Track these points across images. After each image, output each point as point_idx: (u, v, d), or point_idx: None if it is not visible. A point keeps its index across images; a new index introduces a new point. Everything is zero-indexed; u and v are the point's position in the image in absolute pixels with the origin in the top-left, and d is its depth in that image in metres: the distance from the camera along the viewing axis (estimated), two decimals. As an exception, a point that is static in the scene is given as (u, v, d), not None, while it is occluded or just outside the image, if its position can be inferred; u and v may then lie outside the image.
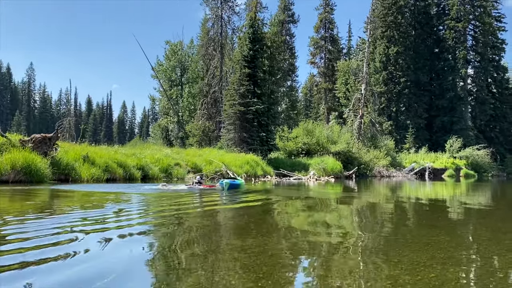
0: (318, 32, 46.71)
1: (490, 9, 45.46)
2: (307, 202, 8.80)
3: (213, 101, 36.47)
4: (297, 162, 24.33)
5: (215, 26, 37.81)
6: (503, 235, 4.71)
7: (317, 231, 4.59)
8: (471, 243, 4.07)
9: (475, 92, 45.51)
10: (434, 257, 3.30)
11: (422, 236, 4.39)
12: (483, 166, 36.69)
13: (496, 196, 13.34)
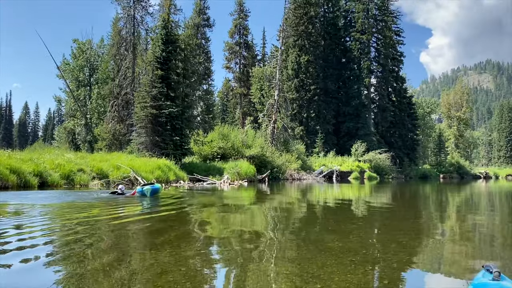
0: (233, 38, 47.18)
1: (391, 23, 49.49)
2: (218, 209, 8.69)
3: (124, 103, 34.96)
4: (212, 167, 24.19)
5: (127, 25, 36.36)
6: (401, 235, 5.00)
7: (227, 237, 4.50)
8: (367, 246, 4.24)
9: (377, 100, 49.11)
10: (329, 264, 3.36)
11: (320, 242, 4.49)
12: (384, 168, 39.61)
13: (396, 197, 14.40)
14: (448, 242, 4.83)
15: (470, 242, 4.90)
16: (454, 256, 4.08)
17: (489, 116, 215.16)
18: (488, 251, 4.37)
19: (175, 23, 28.25)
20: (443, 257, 4.03)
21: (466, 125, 74.96)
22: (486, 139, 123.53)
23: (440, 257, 4.05)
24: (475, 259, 3.95)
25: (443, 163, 54.71)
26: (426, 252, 4.23)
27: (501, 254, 4.18)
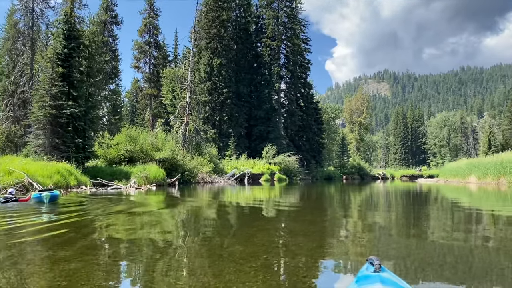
0: (143, 37, 45.74)
1: (299, 32, 51.71)
2: (117, 216, 8.23)
3: (21, 102, 32.06)
4: (118, 171, 23.05)
5: (25, 18, 33.41)
6: (302, 237, 5.13)
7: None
8: (269, 250, 4.24)
9: (287, 105, 50.91)
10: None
11: (220, 247, 4.44)
12: (293, 171, 41.12)
13: (303, 198, 14.95)
14: (348, 241, 5.07)
15: (369, 239, 5.20)
16: (351, 254, 4.26)
17: (386, 121, 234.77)
18: (384, 247, 4.66)
19: (80, 18, 26.51)
20: (342, 256, 4.18)
21: (366, 129, 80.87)
22: (383, 143, 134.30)
23: (339, 256, 4.20)
24: (372, 255, 4.18)
25: (346, 165, 58.43)
26: (325, 253, 4.36)
27: (397, 248, 4.51)
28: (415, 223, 7.53)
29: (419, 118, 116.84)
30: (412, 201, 14.11)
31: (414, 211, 10.09)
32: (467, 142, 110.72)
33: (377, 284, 1.87)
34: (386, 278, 1.99)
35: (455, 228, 6.59)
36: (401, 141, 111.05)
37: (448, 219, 8.13)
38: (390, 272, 2.17)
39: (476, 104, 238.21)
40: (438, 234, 5.95)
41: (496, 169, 25.93)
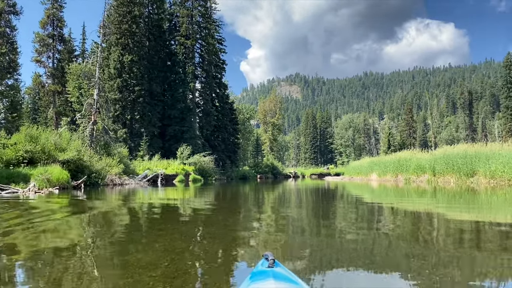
0: (45, 29, 42.31)
1: (214, 32, 51.66)
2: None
3: None
4: (15, 173, 20.96)
5: None
6: (208, 240, 5.03)
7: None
8: (171, 256, 4.05)
9: (202, 104, 50.56)
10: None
11: (117, 255, 4.21)
12: (208, 171, 40.95)
13: (218, 198, 14.87)
14: (258, 241, 5.08)
15: (280, 237, 5.28)
16: (258, 255, 4.26)
17: (298, 122, 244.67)
18: (295, 242, 4.76)
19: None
20: (249, 257, 4.15)
21: (279, 130, 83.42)
22: (295, 143, 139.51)
23: (246, 257, 4.16)
24: (284, 252, 4.23)
25: (260, 164, 59.73)
26: (231, 256, 4.29)
27: (308, 242, 4.63)
28: (324, 218, 7.87)
29: (327, 119, 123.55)
30: (321, 197, 14.79)
31: (322, 207, 10.56)
32: (370, 142, 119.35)
33: (269, 279, 1.90)
34: (279, 273, 2.04)
35: (359, 221, 7.00)
36: (311, 141, 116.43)
37: (353, 213, 8.62)
38: (284, 267, 2.22)
39: (377, 107, 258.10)
40: (345, 227, 6.26)
41: (394, 166, 28.25)
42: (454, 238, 5.29)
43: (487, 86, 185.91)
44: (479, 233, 5.66)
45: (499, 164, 19.34)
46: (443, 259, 4.01)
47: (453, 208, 9.69)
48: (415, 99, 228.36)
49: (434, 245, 4.75)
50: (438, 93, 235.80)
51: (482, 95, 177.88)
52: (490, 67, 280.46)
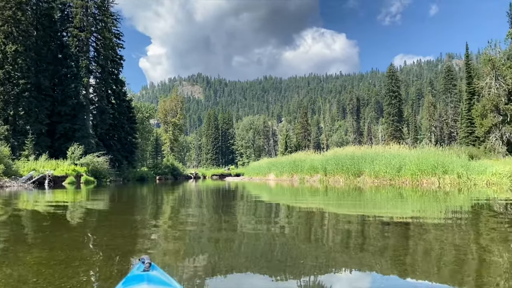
0: None
1: (111, 25, 49.05)
2: None
3: None
4: None
5: None
6: (96, 248, 4.71)
7: None
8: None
9: (96, 101, 47.65)
10: None
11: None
12: (103, 172, 38.69)
13: (113, 200, 14.09)
14: (152, 244, 4.92)
15: (178, 236, 5.16)
16: (152, 259, 4.12)
17: (200, 123, 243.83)
18: (195, 243, 4.68)
19: None
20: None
21: (180, 130, 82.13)
22: (196, 144, 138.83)
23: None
24: (176, 257, 4.13)
25: (160, 165, 58.19)
26: (111, 267, 4.09)
27: (207, 243, 4.58)
28: (224, 218, 7.90)
29: (229, 121, 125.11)
30: (221, 198, 14.87)
31: (221, 207, 10.61)
32: (269, 144, 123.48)
33: (143, 284, 1.87)
34: (154, 276, 2.01)
35: (257, 221, 7.16)
36: (213, 142, 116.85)
37: (252, 212, 8.80)
38: (161, 271, 2.19)
39: (276, 110, 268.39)
40: (245, 225, 6.35)
41: (290, 167, 29.57)
42: (342, 236, 5.67)
43: (373, 93, 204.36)
44: (364, 229, 6.14)
45: (382, 165, 21.32)
46: (334, 258, 4.26)
47: (342, 206, 10.43)
48: (310, 104, 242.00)
49: (325, 245, 5.03)
50: (330, 99, 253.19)
51: (368, 102, 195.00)
52: (375, 76, 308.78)
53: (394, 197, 12.84)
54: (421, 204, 10.41)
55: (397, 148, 24.59)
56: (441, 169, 18.56)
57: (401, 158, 20.89)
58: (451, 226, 5.95)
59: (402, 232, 5.52)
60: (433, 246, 4.44)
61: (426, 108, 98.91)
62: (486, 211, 8.33)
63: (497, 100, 48.25)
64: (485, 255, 3.98)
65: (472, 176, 17.74)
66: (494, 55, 50.19)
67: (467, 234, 5.30)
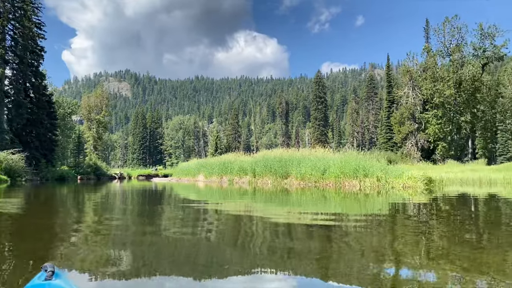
0: None
1: (31, 14, 45.64)
2: None
3: None
4: None
5: None
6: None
7: None
8: None
9: (12, 94, 44.02)
10: None
11: None
12: (17, 170, 35.88)
13: (28, 201, 13.09)
14: (69, 250, 4.61)
15: (99, 241, 4.88)
16: (66, 266, 3.87)
17: (127, 121, 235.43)
18: (117, 246, 4.44)
19: None
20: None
21: (105, 128, 78.51)
22: (122, 142, 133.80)
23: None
24: (103, 258, 3.91)
25: (82, 164, 55.20)
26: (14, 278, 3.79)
27: (130, 247, 4.37)
28: (148, 221, 7.64)
29: (158, 120, 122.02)
30: (147, 199, 14.43)
31: (147, 209, 10.29)
32: (199, 144, 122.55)
33: None
34: (56, 286, 1.89)
35: (184, 223, 7.03)
36: (140, 141, 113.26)
37: (179, 215, 8.62)
38: (66, 279, 2.06)
39: (207, 111, 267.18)
40: (170, 229, 6.19)
41: (219, 168, 29.53)
42: (268, 239, 5.74)
43: (301, 98, 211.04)
44: (289, 231, 6.28)
45: (308, 168, 22.03)
46: (259, 262, 4.30)
47: (269, 208, 10.59)
48: (241, 106, 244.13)
49: (250, 248, 5.05)
50: (261, 102, 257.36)
51: (296, 106, 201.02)
52: (304, 82, 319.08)
53: (318, 198, 13.31)
54: (344, 206, 10.89)
55: (322, 152, 25.54)
56: (362, 173, 19.60)
57: (326, 162, 21.74)
58: (370, 228, 6.27)
59: (325, 235, 5.71)
60: (354, 248, 4.64)
61: (350, 114, 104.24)
62: (401, 212, 8.91)
63: (413, 108, 52.10)
64: (399, 257, 4.24)
65: (390, 180, 18.93)
66: (412, 67, 54.17)
67: (384, 236, 5.62)
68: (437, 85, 48.70)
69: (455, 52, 50.27)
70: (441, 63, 52.27)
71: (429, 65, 51.02)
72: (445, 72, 49.48)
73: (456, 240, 5.03)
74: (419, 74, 52.73)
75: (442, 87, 48.15)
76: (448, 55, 51.51)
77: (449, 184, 23.05)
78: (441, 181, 23.15)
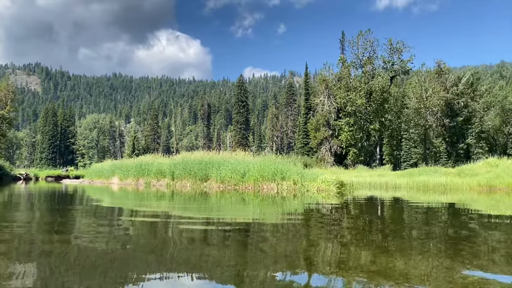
0: None
1: None
2: None
3: None
4: None
5: None
6: None
7: None
8: None
9: None
10: None
11: None
12: None
13: None
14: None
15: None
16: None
17: (35, 118, 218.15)
18: (21, 261, 3.98)
19: None
20: None
21: (10, 124, 71.87)
22: (30, 141, 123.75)
23: None
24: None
25: (-20, 164, 49.95)
26: None
27: (37, 255, 3.94)
28: (58, 228, 7.02)
29: (70, 117, 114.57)
30: (57, 203, 13.38)
31: (56, 215, 9.51)
32: (115, 145, 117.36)
33: None
34: None
35: (96, 229, 6.57)
36: (50, 140, 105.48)
37: (91, 220, 8.06)
38: None
39: (124, 110, 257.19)
40: (81, 236, 5.75)
41: (136, 170, 28.46)
42: (185, 245, 5.59)
43: (223, 101, 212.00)
44: (206, 236, 6.17)
45: (228, 171, 22.07)
46: (175, 269, 4.16)
47: (188, 211, 10.38)
48: (161, 106, 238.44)
49: (167, 255, 4.88)
50: (182, 103, 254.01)
51: (218, 109, 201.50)
52: (226, 85, 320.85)
53: (237, 202, 13.36)
54: (262, 209, 11.03)
55: (242, 155, 25.76)
56: (280, 176, 20.10)
57: (246, 165, 21.96)
58: (285, 233, 6.38)
59: (242, 240, 5.70)
60: (268, 254, 4.67)
61: (270, 119, 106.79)
62: (315, 216, 9.23)
63: (328, 116, 54.73)
64: (311, 263, 4.35)
65: (305, 183, 19.64)
66: (328, 76, 56.96)
67: (297, 241, 5.74)
68: (350, 95, 51.65)
69: (367, 64, 53.76)
70: (354, 74, 55.62)
71: (344, 75, 54.00)
72: (358, 83, 52.71)
73: (364, 244, 5.29)
74: (334, 83, 55.58)
75: (355, 97, 51.18)
76: (361, 66, 54.93)
77: (358, 187, 24.50)
78: (351, 185, 24.58)
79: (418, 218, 8.96)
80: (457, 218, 9.14)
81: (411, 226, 7.40)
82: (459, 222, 8.11)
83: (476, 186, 22.33)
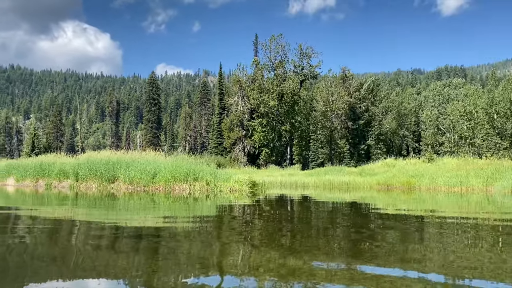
0: None
1: None
2: None
3: None
4: None
5: None
6: None
7: None
8: None
9: None
10: None
11: None
12: None
13: None
14: None
15: None
16: None
17: None
18: None
19: None
20: None
21: None
22: None
23: None
24: None
25: None
26: None
27: None
28: None
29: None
30: None
31: None
32: (11, 143, 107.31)
33: None
34: None
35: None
36: None
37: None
38: None
39: (23, 105, 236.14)
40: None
41: (35, 171, 26.19)
42: (89, 252, 5.27)
43: (134, 99, 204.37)
44: (113, 242, 5.86)
45: (137, 171, 21.25)
46: (80, 276, 3.88)
47: (91, 215, 9.77)
48: (65, 102, 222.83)
49: (70, 262, 4.55)
50: (89, 99, 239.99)
51: (128, 107, 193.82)
52: (137, 82, 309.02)
53: (147, 203, 12.92)
54: (173, 211, 10.78)
55: (153, 155, 25.02)
56: (192, 176, 19.86)
57: (156, 165, 21.34)
58: (197, 235, 6.30)
59: (152, 245, 5.51)
60: (180, 258, 4.56)
61: (183, 118, 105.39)
62: (227, 216, 9.26)
63: (242, 116, 55.47)
64: (223, 266, 4.33)
65: (218, 183, 19.64)
66: (242, 77, 57.76)
67: (209, 243, 5.70)
68: (263, 96, 52.94)
69: (279, 67, 55.55)
70: (267, 76, 57.16)
71: (257, 77, 55.21)
72: (270, 85, 54.24)
73: (274, 245, 5.40)
74: (248, 84, 56.54)
75: (267, 98, 52.57)
76: (273, 69, 56.60)
77: (270, 187, 25.18)
78: (263, 184, 25.14)
79: (324, 217, 9.44)
80: (358, 216, 9.80)
81: (317, 226, 7.76)
82: (360, 220, 8.70)
83: (375, 185, 24.22)
